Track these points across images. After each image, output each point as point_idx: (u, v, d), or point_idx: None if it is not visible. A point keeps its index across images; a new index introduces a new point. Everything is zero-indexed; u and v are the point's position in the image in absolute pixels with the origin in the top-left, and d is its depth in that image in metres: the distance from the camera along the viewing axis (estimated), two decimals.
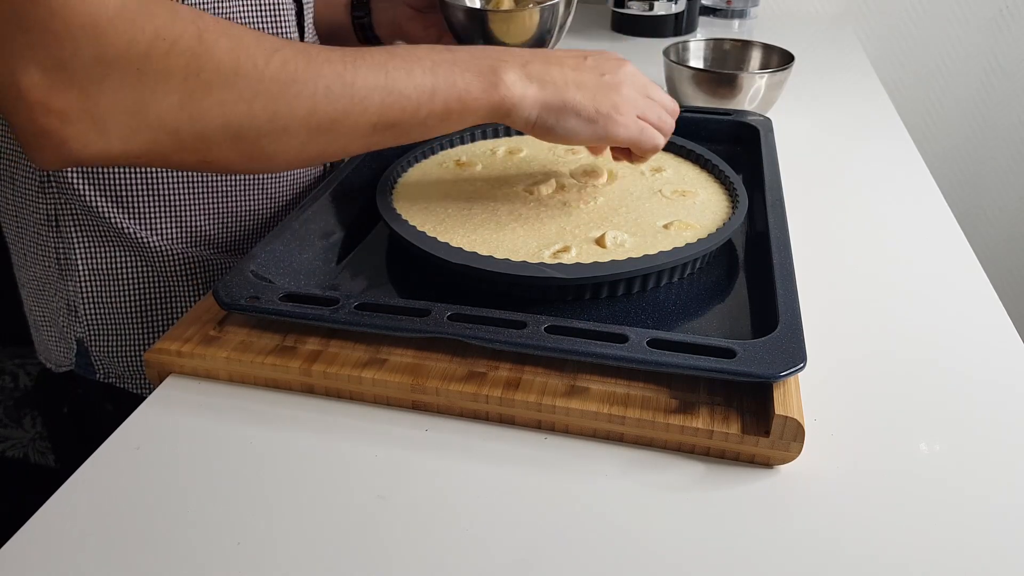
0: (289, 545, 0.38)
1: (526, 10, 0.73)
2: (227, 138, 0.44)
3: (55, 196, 0.62)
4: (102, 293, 0.65)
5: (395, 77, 0.48)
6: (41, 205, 0.63)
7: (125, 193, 0.62)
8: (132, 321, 0.66)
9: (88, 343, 0.67)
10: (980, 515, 0.40)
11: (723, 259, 0.59)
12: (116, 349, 0.67)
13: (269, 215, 0.69)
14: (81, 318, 0.66)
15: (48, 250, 0.65)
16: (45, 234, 0.64)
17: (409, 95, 0.48)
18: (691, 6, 1.25)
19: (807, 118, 0.92)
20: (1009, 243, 1.51)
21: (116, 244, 0.64)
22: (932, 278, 0.61)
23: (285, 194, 0.69)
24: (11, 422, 1.25)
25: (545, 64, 0.53)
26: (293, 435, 0.45)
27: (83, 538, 0.39)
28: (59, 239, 0.64)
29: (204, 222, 0.65)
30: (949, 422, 0.46)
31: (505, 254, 0.54)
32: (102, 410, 0.70)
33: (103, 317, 0.66)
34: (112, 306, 0.65)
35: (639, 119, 0.56)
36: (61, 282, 0.66)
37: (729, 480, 0.42)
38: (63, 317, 0.67)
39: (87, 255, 0.64)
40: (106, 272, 0.64)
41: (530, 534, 0.39)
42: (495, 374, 0.46)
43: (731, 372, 0.42)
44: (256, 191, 0.67)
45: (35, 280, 0.68)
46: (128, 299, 0.65)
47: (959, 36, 1.37)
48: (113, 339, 0.67)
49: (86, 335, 0.67)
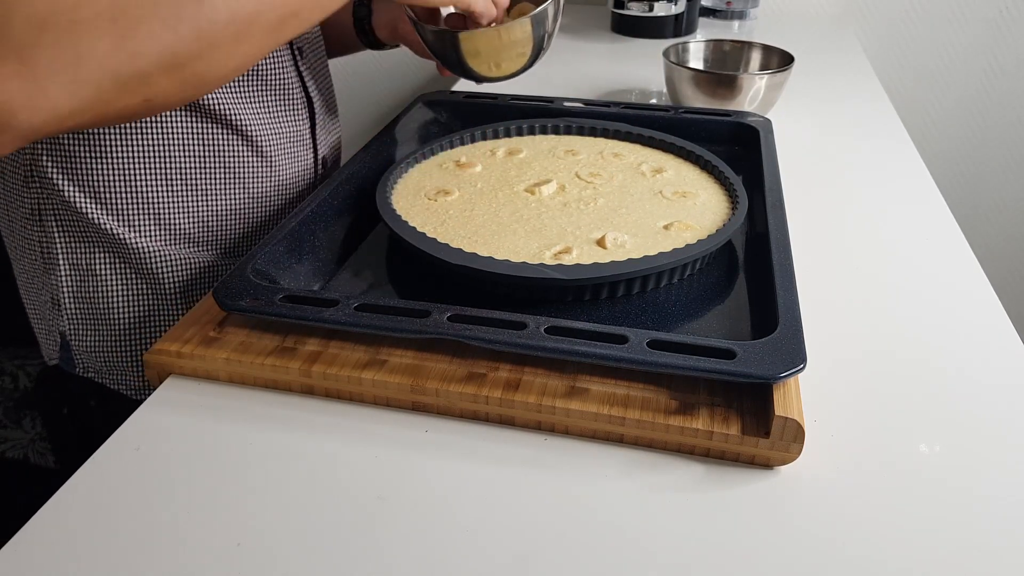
0: (289, 545, 0.38)
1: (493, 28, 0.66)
2: (163, 69, 0.45)
3: (37, 191, 0.62)
4: (82, 289, 0.65)
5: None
6: (26, 200, 0.63)
7: (105, 190, 0.62)
8: (112, 318, 0.66)
9: (70, 337, 0.67)
10: (980, 515, 0.40)
11: (723, 260, 0.59)
12: (95, 345, 0.67)
13: (252, 214, 0.69)
14: (63, 312, 0.66)
15: (33, 244, 0.65)
16: (30, 228, 0.65)
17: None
18: (691, 7, 1.26)
19: (807, 119, 0.92)
20: (1009, 243, 1.51)
21: (96, 241, 0.64)
22: (932, 278, 0.61)
23: (268, 193, 0.69)
24: (11, 423, 1.25)
25: None
26: (293, 436, 0.45)
27: (83, 538, 0.39)
28: (43, 234, 0.64)
29: (185, 221, 0.65)
30: (949, 422, 0.46)
31: (507, 255, 0.54)
32: (86, 406, 0.71)
33: (83, 313, 0.66)
34: (92, 302, 0.66)
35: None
36: (45, 276, 0.66)
37: (729, 481, 0.42)
38: (49, 310, 0.68)
39: (68, 251, 0.64)
40: (86, 268, 0.65)
41: (530, 535, 0.39)
42: (495, 375, 0.46)
43: (731, 373, 0.42)
44: (238, 190, 0.67)
45: (25, 273, 0.69)
46: (108, 296, 0.65)
47: (959, 36, 1.37)
48: (93, 334, 0.67)
49: (68, 329, 0.67)
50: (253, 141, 0.66)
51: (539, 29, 0.67)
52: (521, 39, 0.67)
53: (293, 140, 0.70)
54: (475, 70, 0.69)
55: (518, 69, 0.70)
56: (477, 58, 0.68)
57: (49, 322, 0.68)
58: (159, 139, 0.62)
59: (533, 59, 0.70)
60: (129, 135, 0.61)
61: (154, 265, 0.65)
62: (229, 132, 0.65)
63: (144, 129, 0.62)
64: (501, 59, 0.68)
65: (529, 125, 0.75)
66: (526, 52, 0.68)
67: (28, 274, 0.68)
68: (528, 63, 0.70)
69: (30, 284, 0.69)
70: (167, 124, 0.62)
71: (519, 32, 0.66)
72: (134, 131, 0.61)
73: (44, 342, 0.71)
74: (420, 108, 0.81)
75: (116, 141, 0.61)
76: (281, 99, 0.68)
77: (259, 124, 0.66)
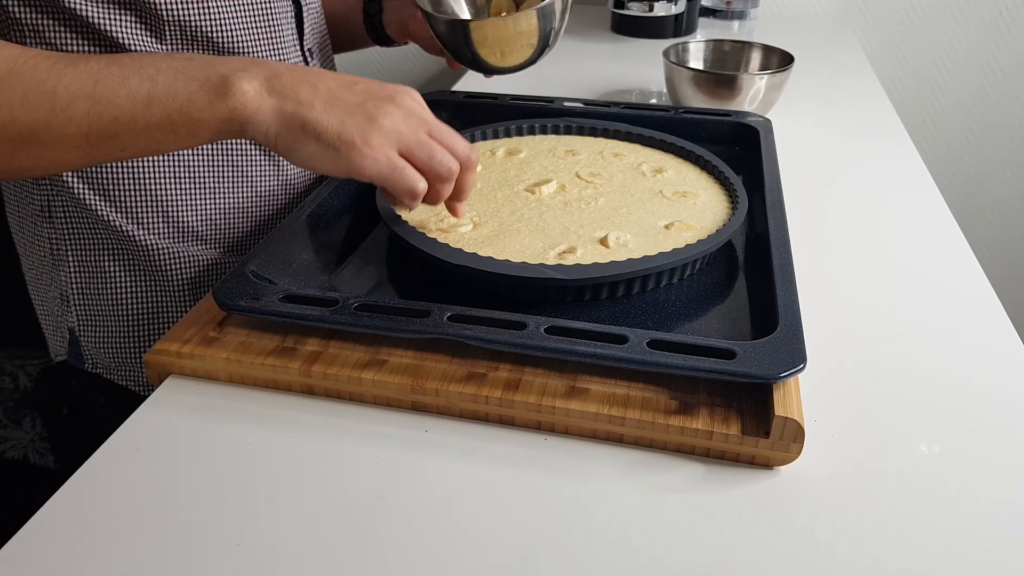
0: (289, 545, 0.38)
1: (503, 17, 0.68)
2: None
3: (47, 188, 0.63)
4: (91, 285, 0.66)
5: (106, 85, 0.45)
6: (35, 196, 0.64)
7: (113, 188, 0.62)
8: (120, 314, 0.66)
9: (78, 333, 0.68)
10: (980, 515, 0.40)
11: (723, 260, 0.59)
12: (104, 341, 0.67)
13: (261, 213, 0.69)
14: (72, 308, 0.66)
15: (43, 240, 0.66)
16: (40, 224, 0.65)
17: (121, 104, 0.45)
18: (691, 7, 1.26)
19: (807, 119, 0.92)
20: (1009, 243, 1.51)
21: (105, 238, 0.64)
22: (932, 278, 0.61)
23: (276, 191, 0.69)
24: (11, 423, 1.25)
25: (300, 79, 0.48)
26: (293, 436, 0.45)
27: (83, 538, 0.39)
28: (52, 229, 0.64)
29: (193, 219, 0.65)
30: (949, 422, 0.46)
31: (511, 255, 0.54)
32: (95, 402, 0.71)
33: (92, 309, 0.66)
34: (101, 299, 0.66)
35: (399, 156, 0.49)
36: (54, 272, 0.66)
37: (729, 481, 0.42)
38: (57, 306, 0.68)
39: (77, 247, 0.64)
40: (95, 265, 0.65)
41: (530, 535, 0.39)
42: (495, 375, 0.46)
43: (731, 373, 0.42)
44: (246, 187, 0.67)
45: (34, 269, 0.69)
46: (116, 293, 0.66)
47: (959, 37, 1.37)
48: (102, 331, 0.67)
49: (76, 325, 0.67)
50: None
51: (547, 22, 0.69)
52: (528, 30, 0.68)
53: None
54: (484, 59, 0.70)
55: (526, 60, 0.72)
56: (486, 47, 0.69)
57: (57, 318, 0.69)
58: None
59: (540, 51, 0.71)
60: None
61: (162, 261, 0.65)
62: None
63: None
64: (510, 48, 0.70)
65: (529, 125, 0.75)
66: (534, 43, 0.70)
67: (37, 270, 0.69)
68: (535, 55, 0.71)
69: (38, 280, 0.69)
70: None
71: (526, 23, 0.68)
72: None
73: (52, 338, 0.71)
74: None
75: None
76: None
77: None
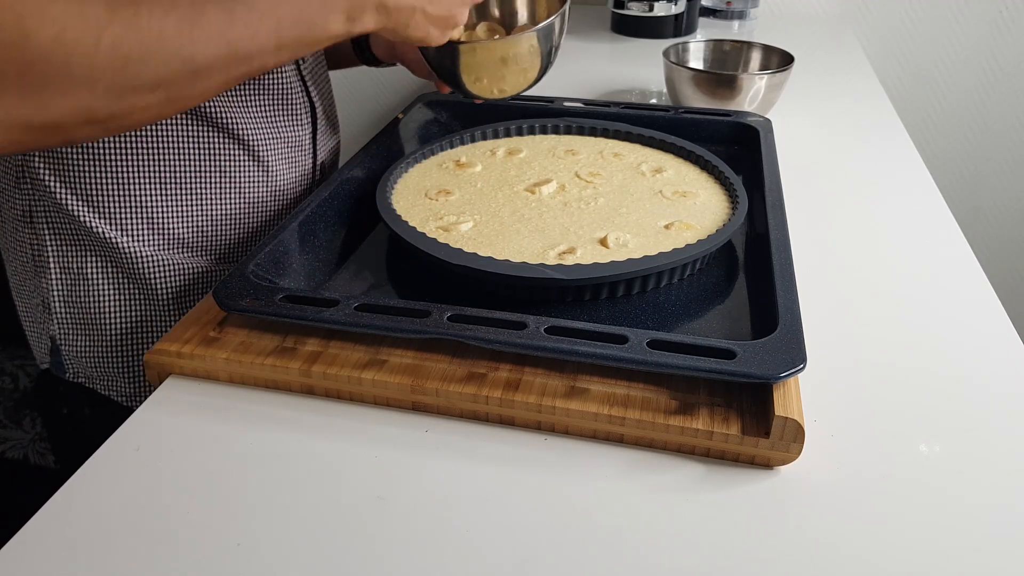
0: (289, 546, 0.38)
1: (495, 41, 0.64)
2: (78, 122, 0.44)
3: (29, 193, 0.61)
4: (73, 293, 0.64)
5: (237, 34, 0.47)
6: (17, 201, 0.62)
7: (97, 193, 0.61)
8: (103, 323, 0.65)
9: (60, 342, 0.66)
10: (980, 515, 0.40)
11: (723, 260, 0.59)
12: (86, 350, 0.66)
13: (248, 220, 0.67)
14: (53, 316, 0.65)
15: (24, 246, 0.64)
16: (21, 230, 0.64)
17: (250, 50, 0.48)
18: (691, 7, 1.26)
19: (807, 119, 0.92)
20: (1009, 243, 1.51)
21: (88, 245, 0.63)
22: (931, 278, 0.61)
23: (265, 198, 0.68)
24: (11, 423, 1.25)
25: None
26: (293, 436, 0.45)
27: (83, 538, 0.39)
28: (33, 236, 0.63)
29: (179, 226, 0.64)
30: (949, 422, 0.46)
31: (511, 255, 0.54)
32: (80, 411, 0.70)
33: (74, 317, 0.65)
34: (83, 307, 0.64)
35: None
36: (36, 279, 0.65)
37: (729, 481, 0.42)
38: (40, 313, 0.66)
39: (59, 254, 0.63)
40: (77, 272, 0.63)
41: (530, 535, 0.39)
42: (495, 375, 0.46)
43: (731, 373, 0.42)
44: (235, 195, 0.66)
45: (16, 275, 0.68)
46: (99, 301, 0.64)
47: (959, 36, 1.37)
48: (83, 339, 0.66)
49: (58, 333, 0.66)
50: (251, 147, 0.65)
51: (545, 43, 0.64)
52: (522, 53, 0.64)
53: (293, 146, 0.69)
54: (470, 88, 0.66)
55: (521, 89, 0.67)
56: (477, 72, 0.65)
57: (40, 325, 0.67)
58: (155, 143, 0.61)
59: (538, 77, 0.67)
60: (124, 138, 0.60)
61: (147, 270, 0.63)
62: (226, 138, 0.64)
63: (140, 133, 0.60)
64: (502, 74, 0.65)
65: (529, 125, 0.75)
66: (526, 68, 0.65)
67: (19, 276, 0.67)
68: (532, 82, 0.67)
69: (21, 287, 0.68)
70: (164, 128, 0.61)
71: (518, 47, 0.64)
72: (129, 134, 0.60)
73: (35, 346, 0.69)
74: (420, 108, 0.81)
75: (110, 144, 0.60)
76: (284, 105, 0.67)
77: (259, 130, 0.66)
